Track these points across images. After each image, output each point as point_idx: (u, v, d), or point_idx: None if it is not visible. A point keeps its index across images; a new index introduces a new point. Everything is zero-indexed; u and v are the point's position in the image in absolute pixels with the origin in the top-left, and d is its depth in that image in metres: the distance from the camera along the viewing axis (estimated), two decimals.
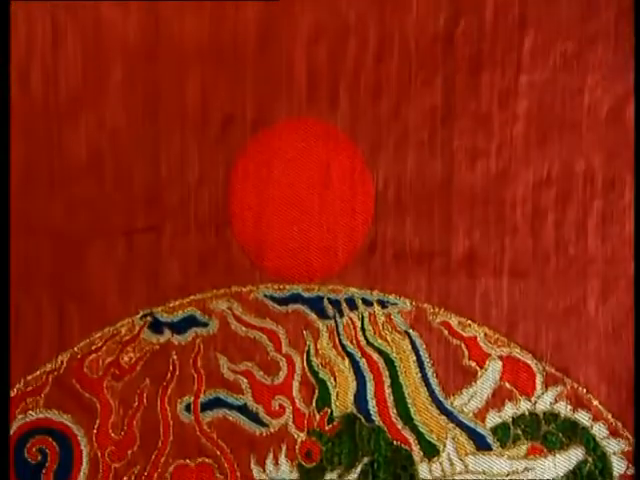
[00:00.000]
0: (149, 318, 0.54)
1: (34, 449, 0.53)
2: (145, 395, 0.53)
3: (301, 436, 0.53)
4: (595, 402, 0.52)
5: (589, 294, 0.52)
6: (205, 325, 0.54)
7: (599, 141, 0.52)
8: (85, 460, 0.53)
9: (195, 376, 0.53)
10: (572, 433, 0.52)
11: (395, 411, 0.53)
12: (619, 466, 0.52)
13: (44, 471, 0.53)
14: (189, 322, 0.54)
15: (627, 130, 0.52)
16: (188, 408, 0.53)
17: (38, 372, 0.53)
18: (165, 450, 0.53)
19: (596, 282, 0.52)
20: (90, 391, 0.53)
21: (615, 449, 0.52)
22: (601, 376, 0.52)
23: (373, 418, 0.53)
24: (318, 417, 0.53)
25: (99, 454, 0.53)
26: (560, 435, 0.52)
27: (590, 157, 0.52)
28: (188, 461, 0.53)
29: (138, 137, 0.53)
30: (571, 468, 0.52)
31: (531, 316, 0.53)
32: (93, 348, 0.53)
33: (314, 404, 0.53)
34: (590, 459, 0.52)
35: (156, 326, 0.54)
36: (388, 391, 0.53)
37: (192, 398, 0.53)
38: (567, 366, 0.52)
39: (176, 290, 0.54)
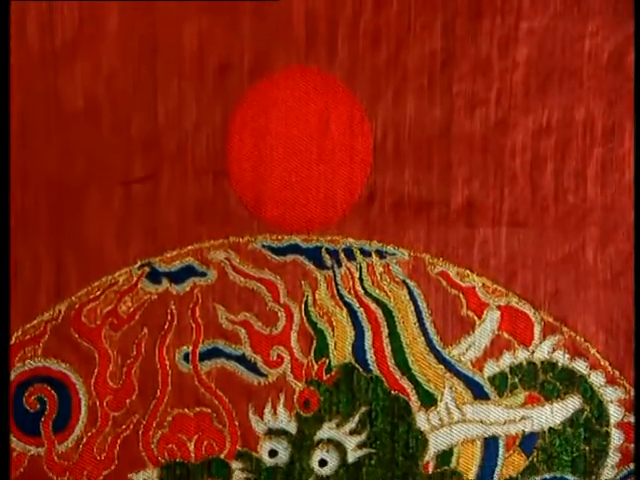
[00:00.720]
0: (147, 268, 0.53)
1: (33, 397, 0.53)
2: (143, 345, 0.53)
3: (299, 386, 0.53)
4: (593, 351, 0.52)
5: (588, 242, 0.52)
6: (203, 275, 0.54)
7: (599, 88, 0.52)
8: (84, 409, 0.53)
9: (193, 326, 0.53)
10: (569, 382, 0.52)
11: (393, 361, 0.53)
12: (616, 414, 0.52)
13: (43, 419, 0.53)
14: (187, 272, 0.54)
15: (627, 77, 0.52)
16: (186, 358, 0.53)
17: (36, 321, 0.53)
18: (163, 399, 0.53)
19: (595, 230, 0.52)
20: (88, 340, 0.53)
21: (612, 397, 0.52)
22: (599, 325, 0.52)
23: (371, 368, 0.53)
24: (316, 367, 0.53)
25: (97, 403, 0.53)
26: (557, 384, 0.53)
27: (590, 104, 0.52)
28: (186, 410, 0.53)
29: (135, 84, 0.53)
30: (568, 416, 0.52)
31: (529, 265, 0.53)
32: (91, 297, 0.53)
33: (312, 354, 0.53)
34: (587, 407, 0.52)
35: (154, 276, 0.53)
36: (386, 341, 0.53)
37: (190, 348, 0.53)
38: (565, 315, 0.52)
39: (174, 240, 0.53)
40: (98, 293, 0.53)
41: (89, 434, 0.53)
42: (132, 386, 0.53)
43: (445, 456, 0.53)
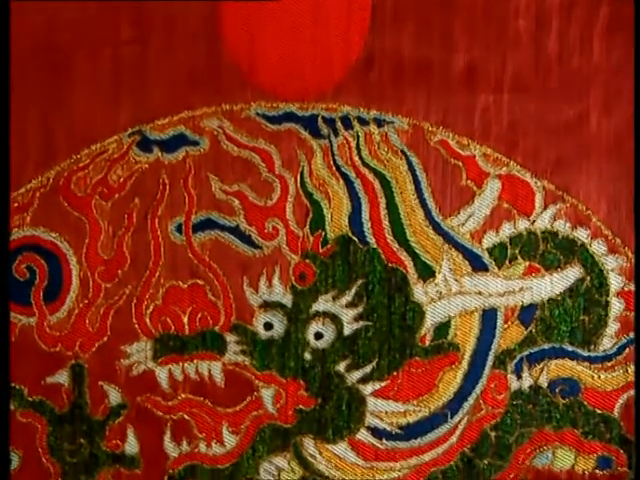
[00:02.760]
0: (137, 136, 0.52)
1: (22, 266, 0.52)
2: (135, 215, 0.52)
3: (295, 258, 0.52)
4: (594, 219, 0.51)
5: (592, 107, 0.51)
6: (196, 144, 0.52)
7: None
8: (75, 279, 0.52)
9: (186, 196, 0.52)
10: (570, 251, 0.52)
11: (390, 232, 0.52)
12: (616, 283, 0.51)
13: (33, 289, 0.52)
14: (179, 141, 0.52)
15: None
16: (179, 229, 0.52)
17: (24, 189, 0.51)
18: (156, 271, 0.52)
19: (599, 95, 0.51)
20: (78, 210, 0.52)
21: (613, 266, 0.51)
22: (601, 193, 0.51)
23: (368, 240, 0.52)
24: (312, 239, 0.52)
25: (89, 274, 0.52)
26: (558, 253, 0.52)
27: None
28: (180, 283, 0.52)
29: None
30: (568, 286, 0.52)
31: (532, 133, 0.51)
32: (80, 166, 0.52)
33: (308, 226, 0.52)
34: (588, 277, 0.52)
35: (145, 144, 0.52)
36: (383, 212, 0.52)
37: (183, 219, 0.52)
38: (567, 183, 0.51)
39: (165, 107, 0.52)
40: (87, 161, 0.52)
41: (81, 305, 0.52)
42: (124, 257, 0.52)
43: (442, 328, 0.52)
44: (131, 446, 0.53)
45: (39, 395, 0.52)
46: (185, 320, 0.52)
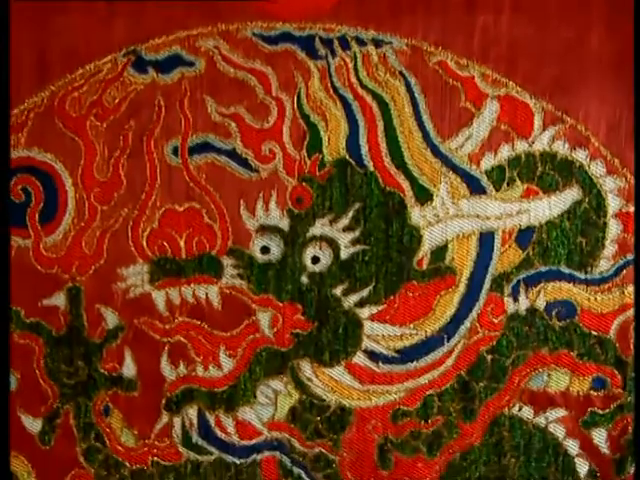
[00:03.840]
0: (132, 56, 0.51)
1: (18, 188, 0.51)
2: (130, 137, 0.51)
3: (291, 182, 0.52)
4: (594, 140, 0.51)
5: (592, 28, 0.50)
6: (191, 65, 0.51)
7: None
8: (71, 201, 0.52)
9: (182, 118, 0.51)
10: (568, 172, 0.51)
11: (388, 156, 0.52)
12: (615, 204, 0.51)
13: (29, 210, 0.51)
14: (174, 61, 0.51)
15: None
16: (175, 151, 0.52)
17: (18, 109, 0.51)
18: (152, 194, 0.52)
19: (601, 12, 0.50)
20: (73, 131, 0.51)
21: (612, 187, 0.51)
22: (601, 113, 0.51)
23: (365, 163, 0.52)
24: (309, 163, 0.52)
25: (85, 196, 0.52)
26: (556, 175, 0.51)
27: None
28: (176, 206, 0.52)
29: None
30: (566, 208, 0.51)
31: (531, 53, 0.51)
32: (75, 86, 0.51)
33: (305, 149, 0.52)
34: (586, 199, 0.51)
35: (140, 65, 0.51)
36: (381, 135, 0.52)
37: (179, 141, 0.51)
38: (567, 104, 0.51)
39: (160, 26, 0.51)
40: (82, 82, 0.51)
41: (77, 227, 0.52)
42: (120, 179, 0.52)
43: (439, 252, 0.52)
44: (128, 369, 0.53)
45: (36, 317, 0.52)
46: (182, 243, 0.52)
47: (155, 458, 0.54)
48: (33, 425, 0.53)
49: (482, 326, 0.53)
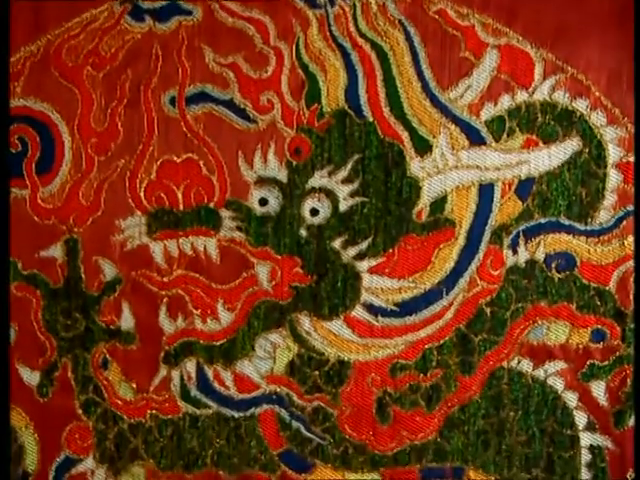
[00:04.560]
0: (129, 4, 0.50)
1: (14, 138, 0.51)
2: (127, 87, 0.51)
3: (290, 133, 0.51)
4: (594, 89, 0.50)
5: None
6: (189, 13, 0.51)
7: None
8: (67, 151, 0.51)
9: (179, 68, 0.51)
10: (569, 122, 0.51)
11: (387, 106, 0.51)
12: (615, 154, 0.51)
13: (25, 160, 0.51)
14: (172, 9, 0.51)
15: None
16: (173, 101, 0.51)
17: (14, 58, 0.50)
18: (150, 145, 0.51)
19: None
20: (70, 80, 0.51)
21: (612, 137, 0.51)
22: (602, 63, 0.50)
23: (364, 114, 0.51)
24: (308, 113, 0.51)
25: (82, 146, 0.51)
26: (556, 125, 0.51)
27: None
28: (174, 157, 0.52)
29: None
30: (566, 159, 0.51)
31: (533, 2, 0.50)
32: (71, 34, 0.50)
33: (304, 99, 0.51)
34: (586, 149, 0.51)
35: (137, 13, 0.51)
36: (380, 85, 0.51)
37: (176, 91, 0.51)
38: (568, 53, 0.50)
39: None
40: (78, 30, 0.50)
41: (74, 178, 0.51)
42: (117, 130, 0.51)
43: (439, 204, 0.52)
44: (126, 321, 0.53)
45: (33, 269, 0.52)
46: (179, 195, 0.52)
47: (153, 411, 0.54)
48: (31, 378, 0.53)
49: (481, 279, 0.53)
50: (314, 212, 0.52)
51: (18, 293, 0.52)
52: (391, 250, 0.52)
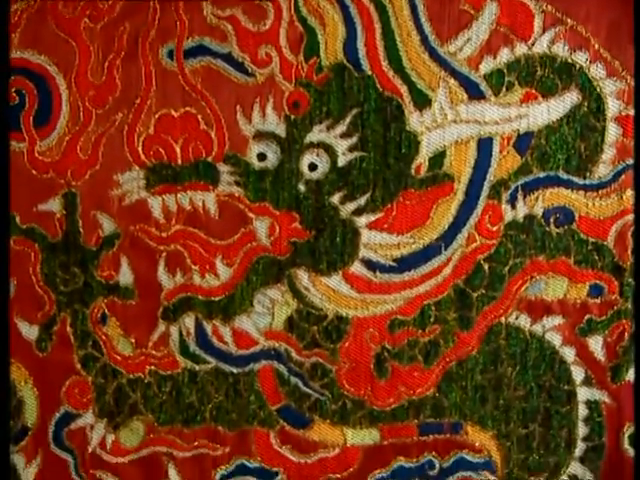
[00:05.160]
0: None
1: (12, 90, 0.51)
2: (125, 39, 0.51)
3: (288, 86, 0.51)
4: (594, 42, 0.50)
5: None
6: None
7: None
8: (65, 104, 0.51)
9: (177, 21, 0.51)
10: (568, 75, 0.51)
11: (386, 60, 0.51)
12: (614, 107, 0.51)
13: (23, 113, 0.51)
14: None
15: None
16: (171, 55, 0.51)
17: (11, 9, 0.50)
18: (148, 98, 0.51)
19: None
20: (67, 32, 0.50)
21: (611, 89, 0.51)
22: (602, 15, 0.50)
23: (363, 67, 0.51)
24: (306, 67, 0.51)
25: (79, 98, 0.51)
26: (556, 78, 0.51)
27: None
28: (172, 111, 0.51)
29: None
30: (565, 113, 0.51)
31: None
32: None
33: (302, 53, 0.51)
34: (585, 102, 0.51)
35: None
36: (379, 38, 0.51)
37: (174, 44, 0.51)
38: (567, 5, 0.50)
39: None
40: None
41: (72, 131, 0.51)
42: (114, 83, 0.51)
43: (437, 158, 0.52)
44: (125, 277, 0.53)
45: (31, 222, 0.52)
46: (177, 150, 0.51)
47: (152, 367, 0.54)
48: (30, 332, 0.53)
49: (480, 234, 0.53)
50: (312, 167, 0.52)
51: (16, 247, 0.52)
52: (390, 205, 0.52)
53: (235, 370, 0.54)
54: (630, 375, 0.53)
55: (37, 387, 0.54)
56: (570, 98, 0.51)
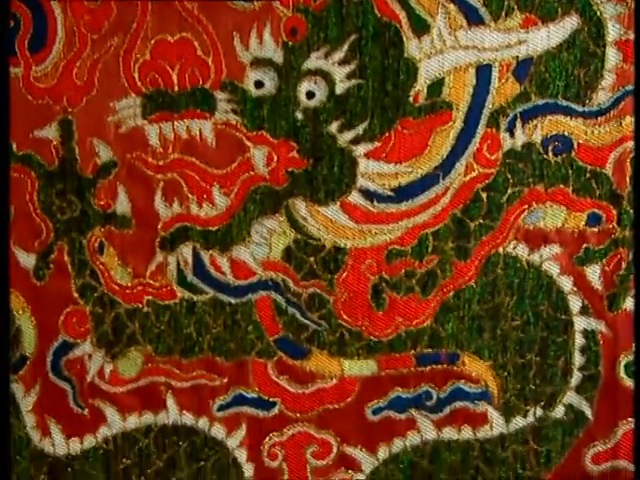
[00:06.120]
0: None
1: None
2: None
3: (286, 13, 0.51)
4: None
5: None
6: None
7: None
8: (60, 29, 0.50)
9: None
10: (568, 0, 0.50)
11: None
12: (614, 32, 0.50)
13: (18, 37, 0.50)
14: None
15: None
16: None
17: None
18: (144, 22, 0.50)
19: None
20: None
21: (611, 13, 0.50)
22: None
23: None
24: None
25: (74, 23, 0.50)
26: (555, 3, 0.50)
27: None
28: (168, 36, 0.51)
29: None
30: (565, 38, 0.50)
31: None
32: None
33: None
34: (585, 27, 0.50)
35: None
36: None
37: None
38: None
39: None
40: None
41: (67, 57, 0.51)
42: (110, 7, 0.50)
43: (436, 86, 0.51)
44: (122, 205, 0.53)
45: (28, 149, 0.52)
46: (174, 77, 0.51)
47: (150, 297, 0.54)
48: (27, 260, 0.53)
49: (478, 163, 0.52)
50: (310, 95, 0.51)
51: (13, 174, 0.52)
52: (387, 134, 0.52)
53: (233, 300, 0.54)
54: (627, 304, 0.54)
55: (35, 316, 0.54)
56: (570, 23, 0.50)
